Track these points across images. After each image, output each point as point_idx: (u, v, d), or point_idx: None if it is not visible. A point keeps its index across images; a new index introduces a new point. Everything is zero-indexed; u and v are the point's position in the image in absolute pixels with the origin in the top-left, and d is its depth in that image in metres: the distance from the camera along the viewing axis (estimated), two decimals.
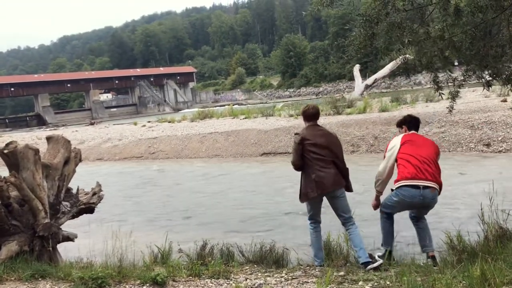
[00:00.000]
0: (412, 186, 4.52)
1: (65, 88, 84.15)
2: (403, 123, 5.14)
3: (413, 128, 5.06)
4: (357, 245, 4.57)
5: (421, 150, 4.69)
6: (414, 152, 4.67)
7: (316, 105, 5.18)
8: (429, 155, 4.67)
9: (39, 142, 21.01)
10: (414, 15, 5.66)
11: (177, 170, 15.35)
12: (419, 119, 5.18)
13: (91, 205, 5.65)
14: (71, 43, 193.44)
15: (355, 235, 4.64)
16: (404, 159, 4.68)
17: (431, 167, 4.59)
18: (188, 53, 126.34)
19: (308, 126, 4.91)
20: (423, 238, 4.70)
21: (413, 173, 4.54)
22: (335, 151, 4.77)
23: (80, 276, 4.00)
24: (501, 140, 12.56)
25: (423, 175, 4.52)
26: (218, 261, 4.62)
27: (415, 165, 4.58)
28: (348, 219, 4.74)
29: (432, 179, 4.53)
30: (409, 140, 4.83)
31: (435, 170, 4.62)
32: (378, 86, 48.76)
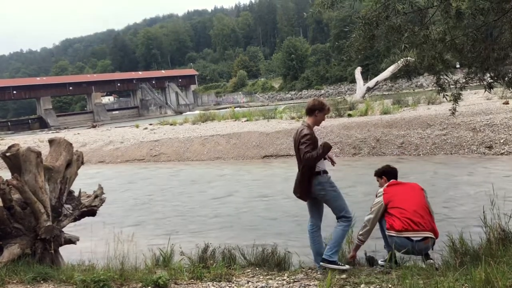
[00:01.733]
0: (404, 237, 4.45)
1: (67, 91, 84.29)
2: (383, 173, 5.09)
3: (393, 178, 5.02)
4: (330, 242, 4.57)
5: (409, 201, 4.59)
6: (404, 205, 4.56)
7: (314, 98, 5.02)
8: (419, 203, 4.58)
9: (41, 145, 21.06)
10: (414, 18, 5.66)
11: (178, 172, 15.35)
12: (396, 170, 5.13)
13: (93, 208, 5.65)
14: (73, 46, 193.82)
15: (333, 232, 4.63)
16: (395, 214, 4.56)
17: (424, 217, 4.50)
18: (189, 56, 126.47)
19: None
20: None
21: (403, 227, 4.46)
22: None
23: (82, 279, 4.00)
24: (503, 143, 12.54)
25: (417, 226, 4.44)
26: (220, 264, 4.63)
27: (407, 218, 4.47)
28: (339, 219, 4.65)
29: (425, 229, 4.45)
30: (394, 193, 4.71)
31: (428, 218, 4.53)
32: (380, 89, 48.78)
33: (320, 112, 4.71)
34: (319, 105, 4.70)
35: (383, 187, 4.90)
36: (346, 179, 11.24)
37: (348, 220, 4.60)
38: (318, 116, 4.72)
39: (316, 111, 4.70)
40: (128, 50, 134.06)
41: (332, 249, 4.48)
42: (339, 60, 68.90)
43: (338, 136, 15.77)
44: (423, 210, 4.56)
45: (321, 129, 16.69)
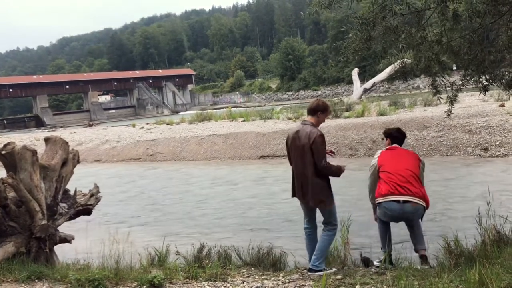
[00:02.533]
0: (392, 200, 4.53)
1: (64, 90, 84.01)
2: (388, 135, 5.11)
3: (396, 143, 5.02)
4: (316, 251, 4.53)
5: (399, 166, 4.64)
6: (393, 169, 4.64)
7: (318, 99, 4.96)
8: (409, 170, 4.62)
9: (37, 143, 20.98)
10: (411, 19, 5.68)
11: (174, 172, 15.34)
12: (405, 135, 5.16)
13: (88, 207, 5.64)
14: (70, 45, 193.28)
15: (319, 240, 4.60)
16: (383, 178, 4.68)
17: (412, 183, 4.54)
18: (187, 56, 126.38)
19: None
20: (414, 237, 4.71)
21: (389, 191, 4.55)
22: None
23: (77, 278, 3.99)
24: (499, 145, 12.58)
25: (404, 190, 4.50)
26: (215, 264, 4.62)
27: (394, 182, 4.55)
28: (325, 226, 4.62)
29: (412, 194, 4.50)
30: (387, 157, 4.80)
31: (416, 185, 4.57)
32: (377, 90, 48.85)
33: (322, 114, 4.63)
34: (323, 106, 4.63)
35: (381, 149, 4.98)
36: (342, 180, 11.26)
37: (335, 227, 4.57)
38: (320, 117, 4.64)
39: (319, 112, 4.61)
40: (125, 49, 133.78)
41: (319, 259, 4.45)
42: (336, 61, 68.90)
43: (335, 137, 15.79)
44: (412, 178, 4.57)
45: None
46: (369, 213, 5.06)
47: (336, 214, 4.61)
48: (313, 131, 4.47)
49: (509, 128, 13.19)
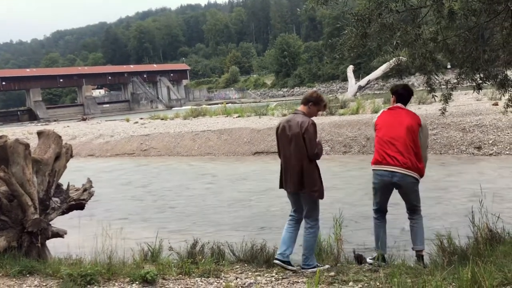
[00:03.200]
0: (383, 170, 4.58)
1: (58, 83, 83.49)
2: (394, 93, 4.95)
3: (401, 100, 4.86)
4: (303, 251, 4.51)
5: (393, 132, 4.58)
6: (385, 135, 4.62)
7: (315, 90, 4.90)
8: (401, 137, 4.53)
9: (30, 137, 20.85)
10: (407, 17, 5.67)
11: (169, 167, 15.30)
12: (411, 93, 4.98)
13: (81, 202, 5.61)
14: (64, 38, 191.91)
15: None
16: (375, 144, 4.73)
17: (402, 152, 4.49)
18: (182, 51, 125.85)
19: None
20: (414, 235, 4.66)
21: (377, 160, 4.62)
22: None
23: (68, 273, 3.97)
24: (492, 143, 12.65)
25: (392, 160, 4.50)
26: (208, 260, 4.61)
27: (383, 151, 4.58)
28: (306, 222, 4.57)
29: (399, 164, 4.47)
30: (385, 119, 4.75)
31: (406, 154, 4.48)
32: (371, 88, 48.91)
33: (314, 106, 4.53)
34: (315, 98, 4.54)
35: (385, 108, 4.89)
36: (335, 177, 11.29)
37: (316, 222, 4.51)
38: (311, 109, 4.54)
39: (311, 103, 4.52)
40: (120, 43, 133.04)
41: (308, 258, 4.43)
42: (332, 58, 68.98)
43: (329, 134, 15.81)
44: (403, 146, 4.50)
45: None
46: (362, 209, 5.06)
47: (319, 209, 4.54)
48: (304, 120, 4.39)
49: (502, 127, 13.27)
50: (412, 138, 4.55)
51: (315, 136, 4.38)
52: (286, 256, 4.45)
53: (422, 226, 4.68)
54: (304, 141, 4.33)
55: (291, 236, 4.55)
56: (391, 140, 4.58)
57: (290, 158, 4.46)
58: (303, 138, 4.33)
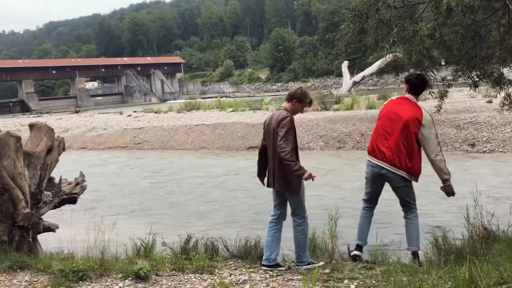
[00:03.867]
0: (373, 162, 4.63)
1: (50, 75, 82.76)
2: (407, 82, 4.79)
3: (413, 92, 4.74)
4: (295, 249, 4.46)
5: (390, 127, 4.56)
6: (381, 127, 4.64)
7: (300, 87, 4.70)
8: (394, 133, 4.48)
9: (22, 129, 20.66)
10: (404, 13, 5.63)
11: (161, 161, 15.22)
12: (426, 83, 4.84)
13: (73, 196, 5.53)
14: (58, 29, 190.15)
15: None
16: (373, 132, 4.75)
17: (391, 148, 4.45)
18: (176, 44, 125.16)
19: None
20: (409, 235, 4.63)
21: (370, 150, 4.68)
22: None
23: (60, 268, 3.91)
24: (486, 141, 12.69)
25: (380, 155, 4.52)
26: (202, 256, 4.56)
27: (375, 143, 4.61)
28: (293, 220, 4.47)
29: (386, 160, 4.47)
30: (388, 109, 4.74)
31: (396, 151, 4.43)
32: (366, 83, 49.03)
33: (298, 103, 4.42)
34: (299, 95, 4.42)
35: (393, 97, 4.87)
36: (331, 173, 11.27)
37: (303, 220, 4.40)
38: (295, 106, 4.42)
39: (295, 100, 4.41)
40: (114, 35, 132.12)
41: (301, 256, 4.38)
42: (326, 53, 68.92)
43: (324, 129, 15.79)
44: (394, 143, 4.44)
45: (307, 122, 16.69)
46: (356, 205, 5.02)
47: (305, 206, 4.43)
48: (282, 113, 4.32)
49: (496, 124, 13.31)
50: (405, 136, 4.45)
51: (287, 130, 4.20)
52: (272, 260, 4.38)
53: (417, 226, 4.62)
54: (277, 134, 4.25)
55: (273, 239, 4.46)
56: (385, 133, 4.56)
57: (271, 152, 4.41)
58: (277, 132, 4.25)
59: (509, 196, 7.83)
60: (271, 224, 4.53)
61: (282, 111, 4.39)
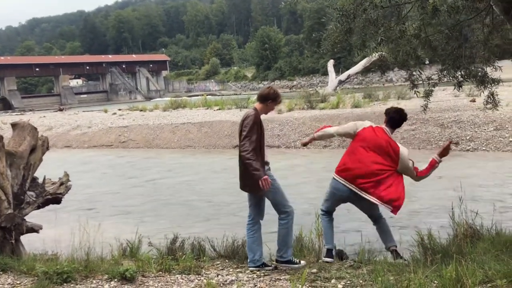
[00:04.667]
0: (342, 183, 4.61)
1: (33, 72, 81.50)
2: (387, 114, 4.85)
3: (392, 124, 4.79)
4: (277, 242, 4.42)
5: (367, 158, 4.52)
6: (361, 156, 4.55)
7: (270, 86, 4.67)
8: (370, 168, 4.49)
9: (4, 127, 20.33)
10: (391, 13, 5.66)
11: (146, 160, 15.11)
12: (404, 118, 4.83)
13: (58, 196, 5.45)
14: (41, 26, 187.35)
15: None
16: (348, 155, 4.69)
17: (366, 177, 4.48)
18: (161, 41, 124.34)
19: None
20: (383, 238, 4.68)
21: (343, 173, 4.63)
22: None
23: (44, 270, 3.84)
24: (469, 139, 12.86)
25: (355, 181, 4.52)
26: (189, 256, 4.53)
27: (352, 168, 4.56)
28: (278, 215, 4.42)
29: (361, 187, 4.50)
30: (366, 137, 4.62)
31: (372, 184, 4.46)
32: (351, 82, 49.22)
33: (272, 102, 4.43)
34: (274, 95, 4.42)
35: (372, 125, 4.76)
36: (316, 172, 11.31)
37: (286, 214, 4.33)
38: (269, 106, 4.43)
39: (270, 100, 4.40)
40: (98, 32, 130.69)
41: (282, 250, 4.32)
42: (312, 52, 69.10)
43: (310, 128, 15.82)
44: (370, 175, 4.48)
45: (293, 120, 16.72)
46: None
47: (285, 200, 4.36)
48: (247, 112, 4.35)
49: (480, 123, 13.49)
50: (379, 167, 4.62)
51: (252, 131, 4.18)
52: (257, 261, 4.33)
53: (386, 225, 4.75)
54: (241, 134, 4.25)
55: (254, 240, 4.40)
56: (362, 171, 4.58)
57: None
58: (241, 131, 4.27)
59: (493, 194, 7.95)
60: (249, 225, 4.47)
61: (250, 110, 4.38)
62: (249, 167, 4.16)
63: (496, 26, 5.62)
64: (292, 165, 12.07)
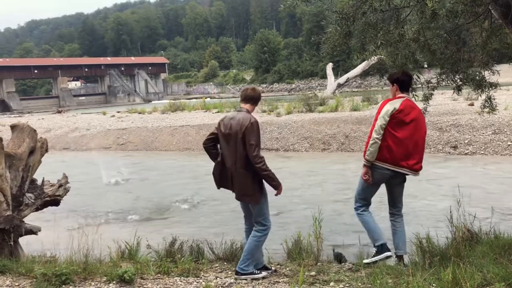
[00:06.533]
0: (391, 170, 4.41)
1: (32, 74, 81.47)
2: (395, 81, 4.60)
3: (405, 90, 4.59)
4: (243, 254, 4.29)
5: (416, 136, 4.39)
6: (408, 136, 4.36)
7: (254, 87, 4.55)
8: (422, 142, 4.45)
9: (2, 129, 20.31)
10: (390, 16, 5.68)
11: (144, 162, 15.10)
12: (412, 78, 4.72)
13: (56, 198, 5.45)
14: (40, 28, 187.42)
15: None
16: (393, 141, 4.33)
17: (418, 157, 4.43)
18: (160, 44, 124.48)
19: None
20: (397, 239, 4.58)
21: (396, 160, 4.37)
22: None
23: (42, 272, 3.84)
24: (468, 143, 12.88)
25: (407, 166, 4.40)
26: (187, 259, 4.53)
27: (403, 154, 4.34)
28: (254, 225, 4.30)
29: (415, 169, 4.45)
30: (406, 115, 4.35)
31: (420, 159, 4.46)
32: (350, 85, 49.34)
33: (256, 103, 4.38)
34: (259, 96, 4.40)
35: (397, 100, 4.45)
36: (313, 175, 11.32)
37: (264, 228, 4.22)
38: (253, 107, 4.35)
39: (256, 101, 4.37)
40: (97, 35, 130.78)
41: (245, 262, 4.16)
42: (311, 55, 69.34)
43: (308, 131, 15.85)
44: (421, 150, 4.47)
45: (292, 123, 16.74)
46: (340, 207, 5.03)
47: (268, 214, 4.27)
48: (245, 118, 4.14)
49: (478, 127, 13.52)
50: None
51: (259, 138, 4.11)
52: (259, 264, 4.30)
53: (404, 228, 4.66)
54: (244, 141, 4.09)
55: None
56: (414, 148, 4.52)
57: (229, 158, 4.22)
58: (243, 137, 4.09)
59: (491, 198, 7.96)
60: (245, 234, 4.45)
61: (246, 114, 4.20)
62: (268, 179, 4.11)
63: (494, 30, 5.65)
64: (291, 168, 12.08)
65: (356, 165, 11.87)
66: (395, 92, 4.63)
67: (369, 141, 4.39)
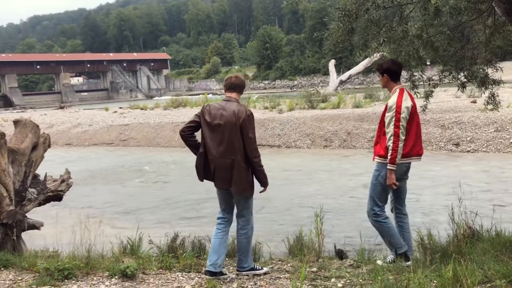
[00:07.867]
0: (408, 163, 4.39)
1: (34, 70, 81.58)
2: (386, 71, 4.51)
3: (397, 80, 4.50)
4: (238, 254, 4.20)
5: (417, 122, 4.39)
6: (415, 125, 4.33)
7: (237, 75, 4.43)
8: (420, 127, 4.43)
9: (5, 125, 20.37)
10: (393, 13, 5.67)
11: (146, 158, 15.12)
12: (402, 67, 4.67)
13: (59, 193, 5.46)
14: (42, 24, 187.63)
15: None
16: (407, 135, 4.25)
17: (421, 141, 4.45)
18: (163, 40, 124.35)
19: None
20: (405, 240, 4.46)
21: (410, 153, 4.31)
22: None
23: (45, 267, 3.86)
24: (470, 141, 12.87)
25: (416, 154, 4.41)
26: (189, 254, 4.55)
27: (413, 144, 4.31)
28: (238, 222, 4.20)
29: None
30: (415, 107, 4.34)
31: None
32: (352, 82, 49.26)
33: (242, 90, 4.28)
34: (244, 83, 4.30)
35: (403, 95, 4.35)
36: (316, 172, 11.32)
37: (247, 222, 4.14)
38: (240, 95, 4.25)
39: (243, 89, 4.27)
40: (100, 30, 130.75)
41: (242, 261, 4.13)
42: (313, 52, 69.14)
43: (310, 127, 15.84)
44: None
45: (294, 120, 16.73)
46: (342, 203, 5.04)
47: (252, 208, 4.21)
48: (241, 109, 3.99)
49: (480, 124, 13.50)
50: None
51: (254, 131, 4.04)
52: (218, 266, 4.01)
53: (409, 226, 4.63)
54: (242, 133, 3.95)
55: (221, 241, 4.12)
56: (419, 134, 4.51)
57: (217, 150, 4.02)
58: (240, 130, 3.95)
59: (492, 195, 7.96)
60: (219, 225, 4.19)
61: (240, 105, 4.08)
62: (260, 175, 4.06)
63: (498, 27, 5.63)
64: (293, 164, 12.09)
65: (358, 161, 11.88)
66: (386, 82, 4.56)
67: (390, 143, 4.27)
